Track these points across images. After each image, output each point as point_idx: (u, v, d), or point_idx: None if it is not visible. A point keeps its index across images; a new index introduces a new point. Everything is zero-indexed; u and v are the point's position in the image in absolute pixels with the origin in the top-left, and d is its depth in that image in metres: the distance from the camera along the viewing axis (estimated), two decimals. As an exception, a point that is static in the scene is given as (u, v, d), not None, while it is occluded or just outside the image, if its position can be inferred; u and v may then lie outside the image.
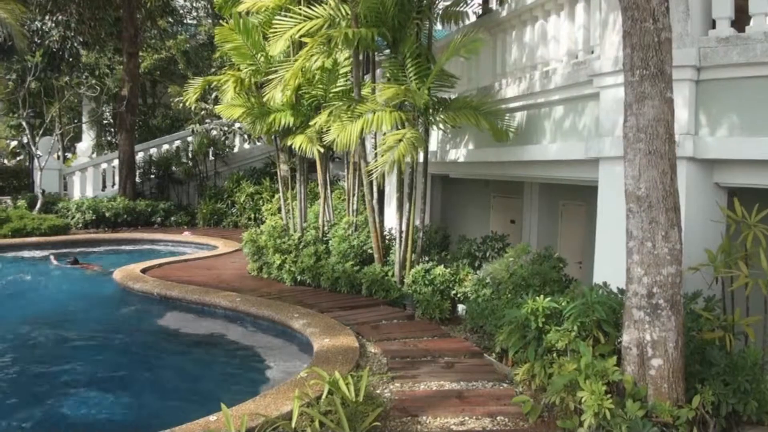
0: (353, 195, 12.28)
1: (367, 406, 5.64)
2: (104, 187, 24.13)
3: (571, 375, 5.50)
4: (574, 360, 5.67)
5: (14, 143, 29.18)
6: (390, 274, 10.40)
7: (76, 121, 29.06)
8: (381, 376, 6.84)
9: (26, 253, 17.52)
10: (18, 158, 29.70)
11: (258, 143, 24.27)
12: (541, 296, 6.58)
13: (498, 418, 5.84)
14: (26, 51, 23.57)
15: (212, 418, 5.57)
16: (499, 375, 6.99)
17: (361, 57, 10.93)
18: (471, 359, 7.55)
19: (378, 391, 6.41)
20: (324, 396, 5.80)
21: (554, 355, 6.18)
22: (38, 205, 21.03)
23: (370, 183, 10.70)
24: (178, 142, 24.80)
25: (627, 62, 5.44)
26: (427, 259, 10.21)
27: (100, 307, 11.82)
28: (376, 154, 11.10)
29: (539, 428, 5.62)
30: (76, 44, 25.24)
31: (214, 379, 8.09)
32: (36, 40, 24.80)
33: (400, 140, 8.97)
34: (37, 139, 22.67)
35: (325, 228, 12.34)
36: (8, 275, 15.22)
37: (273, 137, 13.29)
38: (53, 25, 23.82)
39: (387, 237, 11.31)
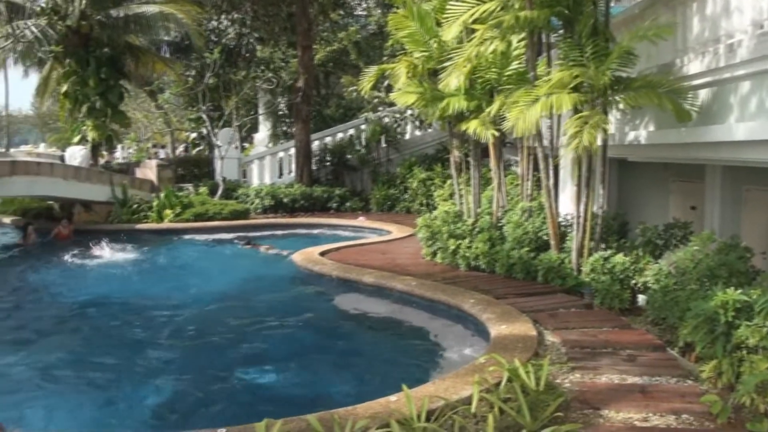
0: (527, 180, 12.07)
1: (547, 396, 5.54)
2: (281, 174, 25.19)
3: (763, 375, 5.15)
4: (767, 358, 5.31)
5: (194, 135, 30.98)
6: (566, 261, 10.13)
7: (252, 112, 30.45)
8: (561, 366, 6.67)
9: (209, 236, 18.76)
10: (198, 149, 31.53)
11: (429, 130, 24.41)
12: (731, 288, 6.20)
13: (683, 416, 5.51)
14: (204, 49, 25.01)
15: (392, 398, 5.66)
16: (683, 371, 6.60)
17: (535, 38, 10.71)
18: (653, 353, 7.19)
19: (558, 381, 6.25)
20: (503, 383, 5.77)
21: (744, 352, 5.79)
22: (219, 192, 22.40)
23: (547, 168, 10.49)
24: (352, 131, 25.42)
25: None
26: (604, 246, 9.89)
27: (282, 288, 12.40)
28: (551, 137, 10.89)
29: (725, 430, 5.28)
30: (251, 40, 26.50)
31: (390, 360, 8.26)
32: (213, 38, 26.24)
33: (586, 123, 8.71)
34: (216, 130, 23.99)
35: (499, 213, 12.23)
36: (194, 257, 16.32)
37: (447, 123, 13.31)
38: (229, 23, 25.09)
39: (562, 223, 11.07)
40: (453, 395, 5.65)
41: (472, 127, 11.41)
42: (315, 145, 25.01)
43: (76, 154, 22.19)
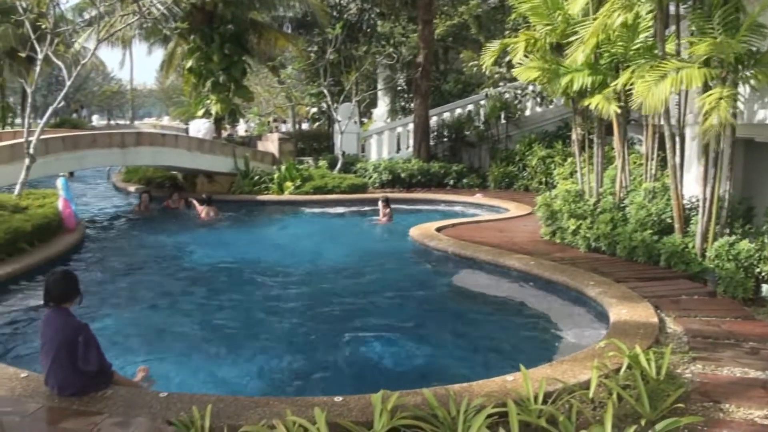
0: (651, 159, 11.65)
1: (668, 385, 5.37)
2: (398, 149, 25.31)
3: None
4: None
5: (314, 110, 31.50)
6: (690, 246, 9.74)
7: (372, 88, 30.70)
8: (682, 356, 6.43)
9: (327, 209, 19.18)
10: (317, 123, 32.06)
11: (550, 106, 23.96)
12: None
13: (807, 416, 5.24)
14: (326, 24, 25.32)
15: (509, 377, 5.65)
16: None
17: (663, 9, 10.24)
18: (778, 347, 6.87)
19: (678, 371, 6.04)
20: (623, 369, 5.64)
21: None
22: (338, 166, 22.79)
23: (674, 147, 10.08)
24: (470, 106, 25.20)
25: None
26: (729, 231, 9.43)
27: (398, 262, 12.51)
28: (678, 114, 10.44)
29: None
30: (372, 15, 26.61)
31: (506, 339, 8.19)
32: (334, 13, 26.50)
33: (720, 99, 8.31)
34: (336, 105, 24.30)
35: (622, 194, 11.87)
36: (312, 228, 16.72)
37: (570, 99, 13.00)
38: (351, -1, 25.36)
39: (686, 206, 10.62)
40: (571, 379, 5.57)
41: (595, 102, 11.07)
42: (433, 120, 24.94)
43: (200, 127, 22.99)
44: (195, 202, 17.95)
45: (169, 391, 5.41)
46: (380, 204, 16.85)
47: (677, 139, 10.21)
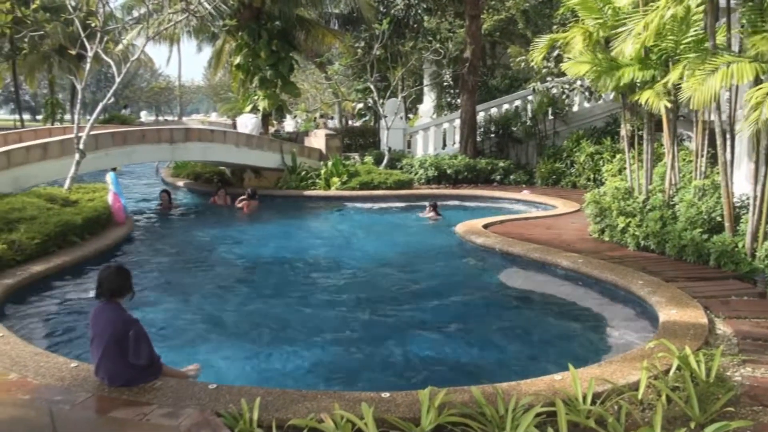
0: (701, 156, 11.45)
1: (717, 388, 5.28)
2: (444, 145, 25.28)
3: None
4: None
5: (360, 105, 31.62)
6: (740, 245, 9.54)
7: (418, 83, 30.66)
8: (732, 358, 6.30)
9: (374, 205, 19.28)
10: (363, 119, 32.16)
11: (599, 102, 23.68)
12: None
13: None
14: (372, 20, 25.36)
15: (557, 377, 5.61)
16: None
17: (714, 2, 10.05)
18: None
19: (728, 374, 5.93)
20: (672, 371, 5.57)
21: None
22: (384, 162, 22.86)
23: (724, 143, 9.90)
24: (518, 102, 25.06)
25: None
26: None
27: (444, 258, 12.48)
28: (729, 110, 10.24)
29: None
30: (419, 11, 26.56)
31: (552, 338, 8.13)
32: (381, 9, 26.54)
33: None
34: (382, 101, 24.32)
35: (671, 191, 11.70)
36: (358, 224, 16.82)
37: (620, 94, 12.83)
38: (398, -6, 25.38)
39: (737, 204, 10.42)
40: (620, 379, 5.52)
41: (644, 97, 10.92)
42: (480, 116, 24.85)
43: (247, 123, 23.21)
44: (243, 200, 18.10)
45: (217, 383, 5.48)
46: (428, 208, 16.85)
47: (728, 135, 10.01)
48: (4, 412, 5.03)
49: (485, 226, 13.49)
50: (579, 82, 22.50)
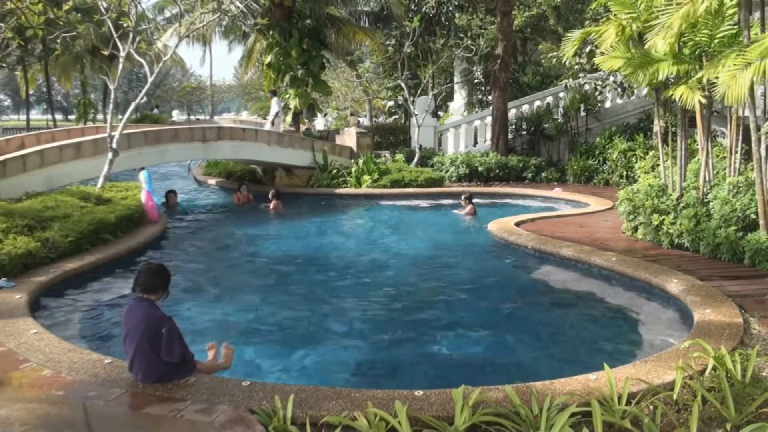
0: (735, 152, 11.28)
1: (753, 389, 5.22)
2: (475, 143, 25.19)
3: None
4: None
5: (391, 103, 31.61)
6: (774, 243, 9.45)
7: (448, 81, 30.58)
8: (767, 358, 6.26)
9: (405, 202, 19.30)
10: (394, 117, 32.18)
11: (632, 98, 23.43)
12: None
13: None
14: (403, 18, 25.36)
15: (592, 376, 5.58)
16: None
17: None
18: None
19: (764, 374, 5.84)
20: (708, 371, 5.51)
21: None
22: (415, 159, 22.86)
23: (759, 139, 9.75)
24: (549, 99, 24.89)
25: None
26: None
27: (476, 256, 12.46)
28: (764, 105, 10.09)
29: None
30: (450, 8, 26.49)
31: (586, 337, 8.08)
32: (412, 7, 26.53)
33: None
34: (413, 99, 24.31)
35: (705, 188, 11.55)
36: (390, 222, 16.82)
37: (654, 90, 12.68)
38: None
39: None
40: (655, 379, 5.48)
41: (678, 93, 10.79)
42: (511, 113, 24.73)
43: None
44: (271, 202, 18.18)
45: (251, 380, 5.53)
46: (462, 200, 16.79)
47: (762, 130, 9.87)
48: (39, 408, 5.11)
49: (517, 224, 13.45)
50: (611, 78, 22.30)
